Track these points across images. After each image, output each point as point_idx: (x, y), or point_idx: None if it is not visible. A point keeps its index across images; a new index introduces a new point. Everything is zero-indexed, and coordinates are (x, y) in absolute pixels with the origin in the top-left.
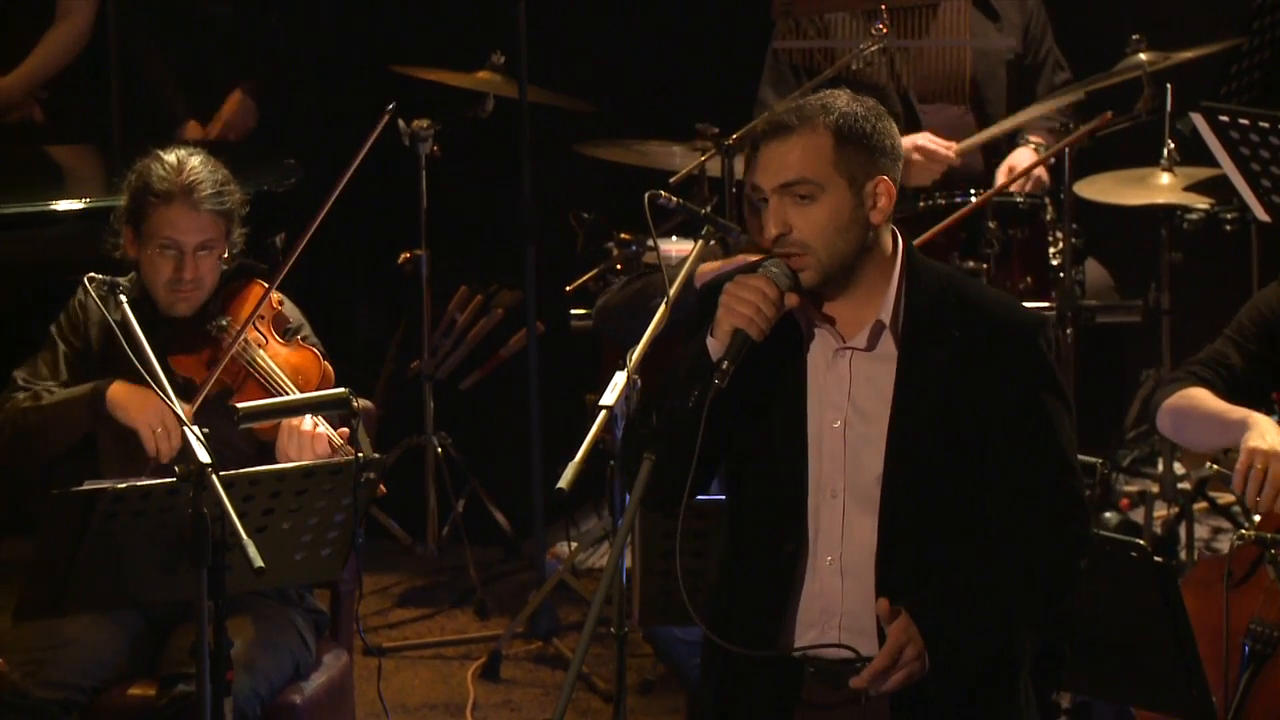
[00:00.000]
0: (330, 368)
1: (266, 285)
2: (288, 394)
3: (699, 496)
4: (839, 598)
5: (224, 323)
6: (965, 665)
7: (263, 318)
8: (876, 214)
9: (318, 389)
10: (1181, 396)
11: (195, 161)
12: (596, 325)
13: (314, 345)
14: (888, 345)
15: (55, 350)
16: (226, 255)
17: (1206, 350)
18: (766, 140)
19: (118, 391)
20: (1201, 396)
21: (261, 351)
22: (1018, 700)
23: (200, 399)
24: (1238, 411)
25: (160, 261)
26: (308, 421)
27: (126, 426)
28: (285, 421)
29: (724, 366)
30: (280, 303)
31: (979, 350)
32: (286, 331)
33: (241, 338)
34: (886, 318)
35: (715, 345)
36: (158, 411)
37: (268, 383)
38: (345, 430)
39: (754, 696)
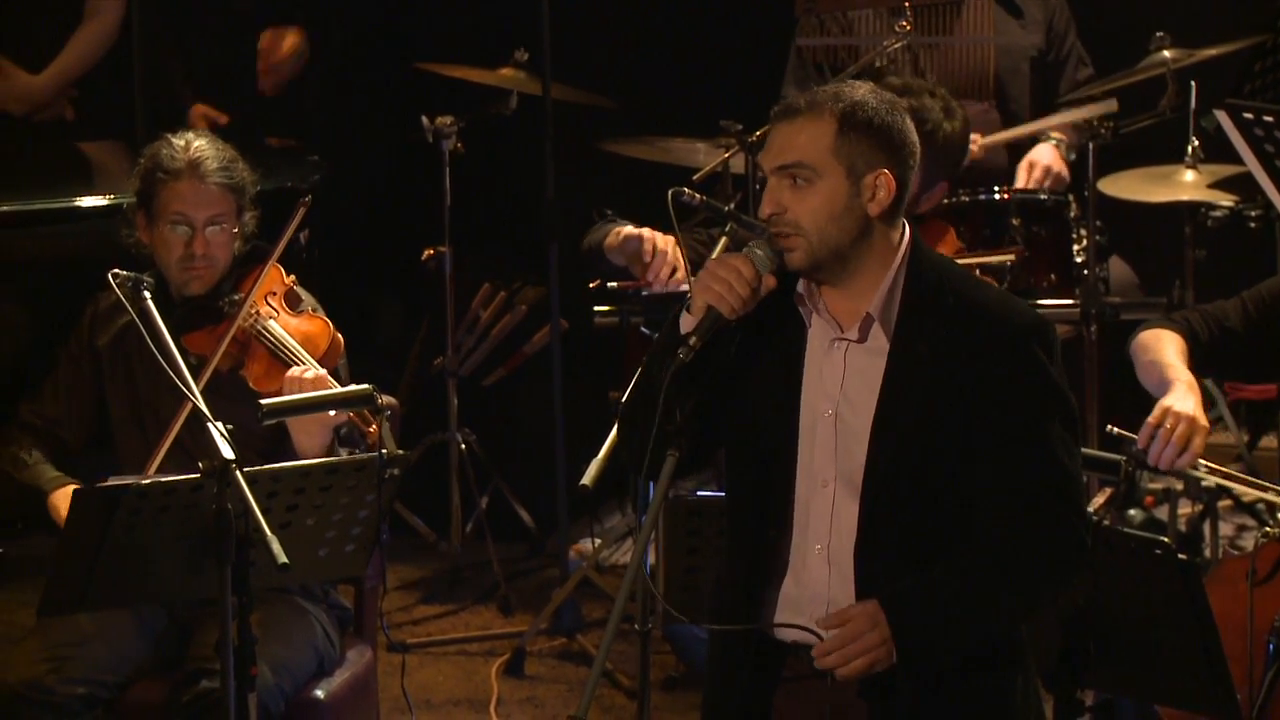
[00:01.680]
0: (340, 336)
1: (279, 266)
2: (299, 361)
3: (701, 492)
4: (826, 586)
5: (236, 299)
6: (934, 658)
7: (274, 293)
8: (874, 206)
9: (327, 356)
10: (1154, 335)
11: (202, 140)
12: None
13: (321, 314)
14: (879, 338)
15: (57, 376)
16: (238, 234)
17: (1216, 303)
18: (775, 121)
19: (57, 499)
20: (1168, 342)
21: (272, 323)
22: (1011, 698)
23: (209, 371)
24: (1178, 372)
25: (172, 239)
26: (310, 374)
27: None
28: (289, 375)
29: (690, 342)
30: (294, 282)
31: (969, 349)
32: (299, 309)
33: (251, 309)
34: (876, 311)
35: (688, 320)
36: None
37: (278, 350)
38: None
39: (739, 677)
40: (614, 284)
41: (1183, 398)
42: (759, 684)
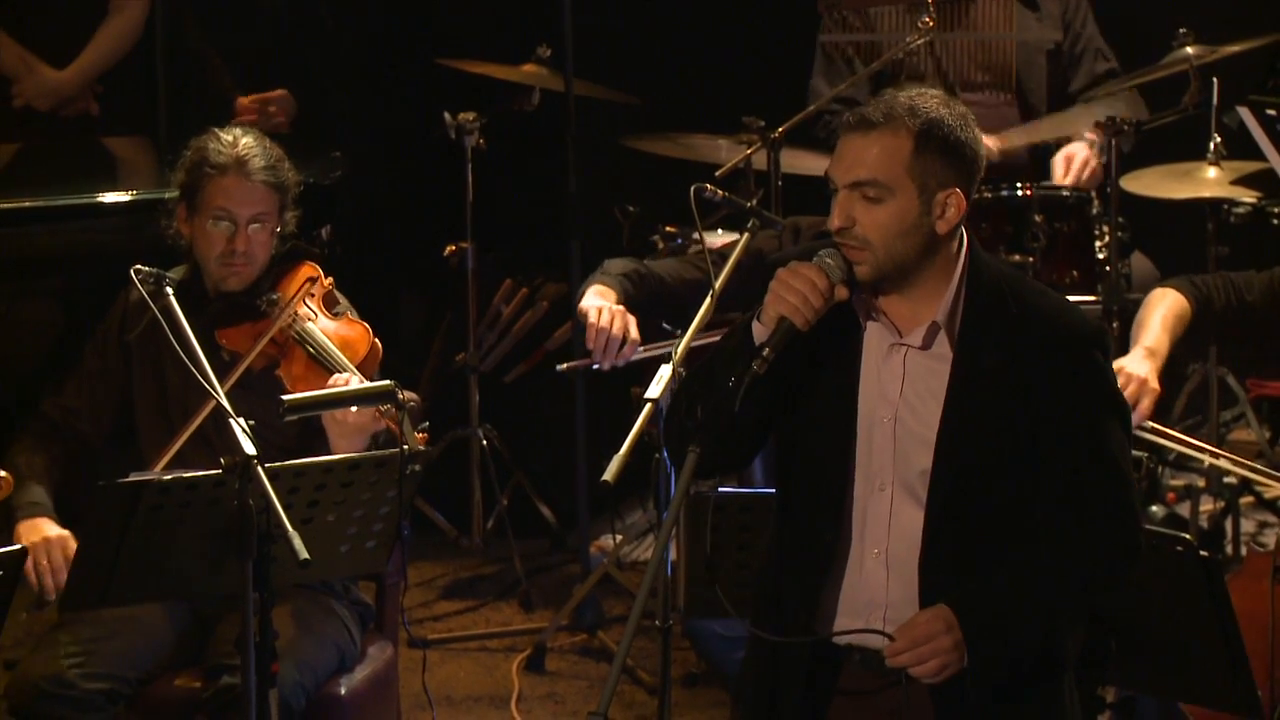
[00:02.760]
0: (379, 344)
1: (317, 267)
2: (339, 366)
3: (722, 489)
4: (883, 590)
5: (274, 298)
6: (1005, 662)
7: (313, 294)
8: (943, 224)
9: (366, 363)
10: (1159, 294)
11: (249, 138)
12: None
13: (361, 321)
14: (943, 345)
15: (82, 368)
16: (279, 232)
17: (1247, 273)
18: (848, 132)
19: (21, 530)
20: (1164, 305)
21: (311, 324)
22: (1062, 700)
23: (242, 368)
24: (1148, 335)
25: (214, 233)
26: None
27: None
28: (331, 379)
29: (764, 354)
30: (333, 284)
31: (1033, 358)
32: (336, 311)
33: (291, 310)
34: (942, 320)
35: (760, 330)
36: (43, 548)
37: (317, 354)
38: None
39: (792, 682)
40: (563, 366)
41: (1139, 360)
42: (815, 689)
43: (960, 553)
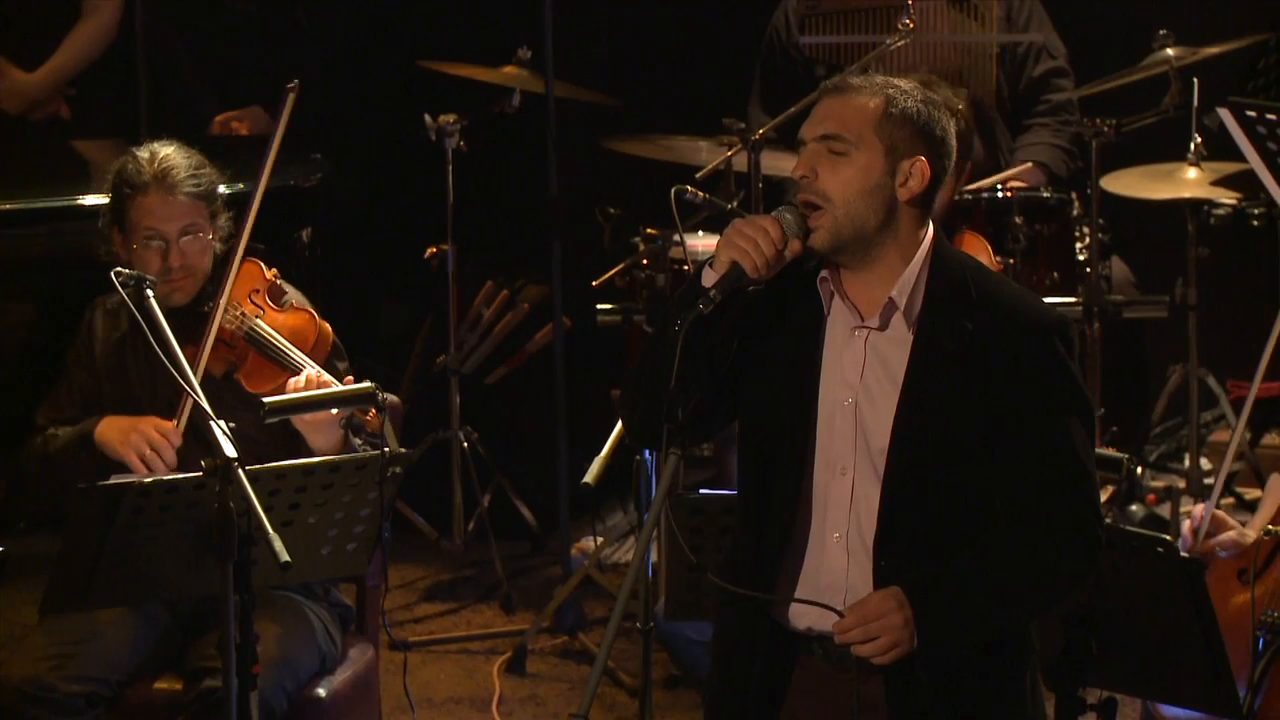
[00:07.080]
0: (328, 325)
1: (259, 262)
2: (289, 357)
3: (704, 490)
4: (844, 574)
5: (222, 301)
6: (955, 645)
7: (258, 290)
8: (904, 191)
9: (316, 349)
10: None
11: (167, 150)
12: None
13: (306, 306)
14: (902, 328)
15: (70, 380)
16: (215, 238)
17: None
18: (824, 95)
19: (102, 431)
20: None
21: (260, 321)
22: (1022, 696)
23: (199, 372)
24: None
25: (147, 255)
26: (303, 378)
27: (116, 460)
28: (289, 386)
29: (710, 294)
30: (277, 275)
31: (992, 346)
32: (283, 302)
33: (236, 309)
34: (899, 298)
35: (710, 275)
36: (142, 436)
37: (268, 350)
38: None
39: (754, 672)
40: None
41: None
42: (772, 672)
43: (916, 536)
